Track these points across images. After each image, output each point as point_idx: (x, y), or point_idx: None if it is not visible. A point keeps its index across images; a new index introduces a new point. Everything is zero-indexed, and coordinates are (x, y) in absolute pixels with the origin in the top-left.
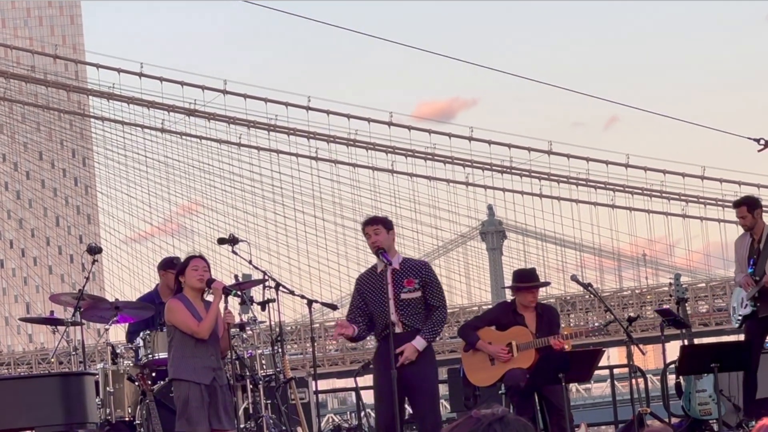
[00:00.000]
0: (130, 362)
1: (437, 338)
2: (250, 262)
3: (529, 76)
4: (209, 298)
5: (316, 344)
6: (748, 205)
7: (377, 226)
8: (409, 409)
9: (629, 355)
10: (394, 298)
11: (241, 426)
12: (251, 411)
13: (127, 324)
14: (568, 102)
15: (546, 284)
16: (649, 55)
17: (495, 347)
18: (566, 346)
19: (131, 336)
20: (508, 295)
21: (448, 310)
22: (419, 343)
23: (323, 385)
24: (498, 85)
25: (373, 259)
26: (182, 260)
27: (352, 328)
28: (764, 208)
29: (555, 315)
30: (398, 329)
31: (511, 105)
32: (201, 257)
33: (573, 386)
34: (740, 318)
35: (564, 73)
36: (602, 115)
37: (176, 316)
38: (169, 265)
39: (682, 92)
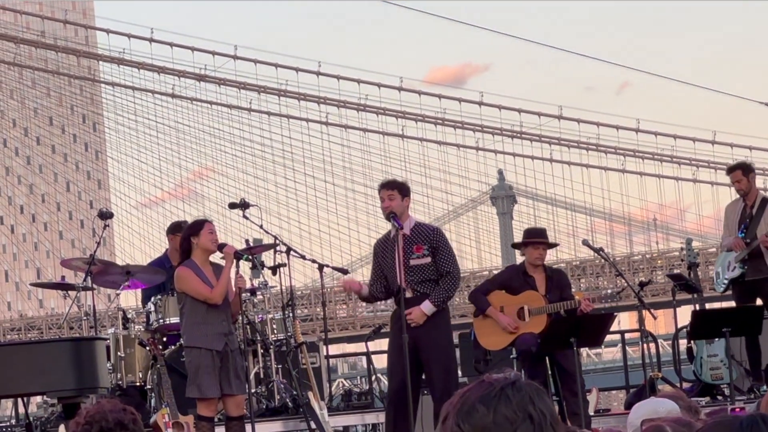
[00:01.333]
0: (141, 327)
1: (447, 303)
2: (261, 227)
3: (541, 41)
4: (218, 261)
5: (326, 309)
6: (743, 169)
7: (392, 192)
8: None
9: (641, 320)
10: (404, 264)
11: (252, 390)
12: (262, 375)
13: (139, 289)
14: (580, 67)
15: (554, 245)
16: (661, 20)
17: (505, 317)
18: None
19: (145, 300)
20: (519, 259)
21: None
22: (427, 307)
23: (334, 349)
24: (510, 50)
25: (384, 224)
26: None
27: (359, 284)
28: (757, 172)
29: (565, 278)
30: (408, 294)
31: (523, 70)
32: (211, 222)
33: (584, 351)
34: (726, 282)
35: (576, 38)
36: (614, 80)
37: (188, 284)
38: (177, 229)
39: (694, 57)
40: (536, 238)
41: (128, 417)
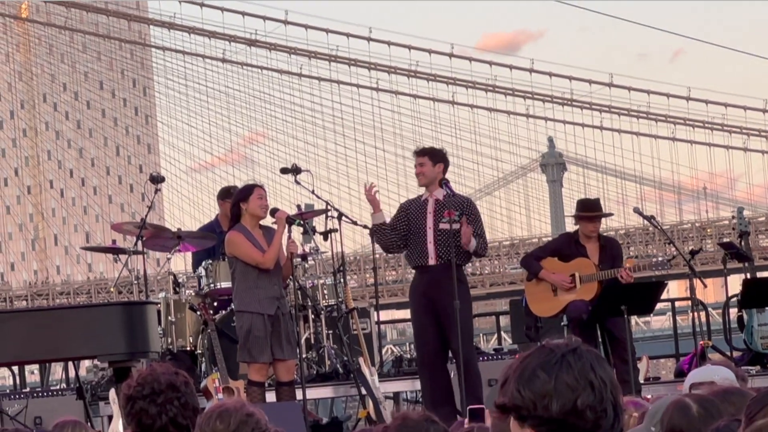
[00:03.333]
0: (191, 292)
1: (479, 254)
2: (312, 192)
3: (595, 9)
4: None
5: (377, 274)
6: None
7: (423, 158)
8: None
9: (691, 288)
10: (433, 228)
11: (303, 356)
12: (313, 341)
13: (190, 253)
14: (634, 34)
15: (609, 215)
16: None
17: (558, 276)
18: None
19: (196, 265)
20: (569, 226)
21: (508, 242)
22: (474, 240)
23: (384, 315)
24: (565, 17)
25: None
26: (248, 185)
27: (379, 203)
28: None
29: (618, 247)
30: (432, 261)
31: (577, 37)
32: (262, 186)
33: (633, 319)
34: None
35: (630, 5)
36: (668, 48)
37: (239, 249)
38: (227, 194)
39: (748, 24)
40: (591, 212)
41: (180, 380)
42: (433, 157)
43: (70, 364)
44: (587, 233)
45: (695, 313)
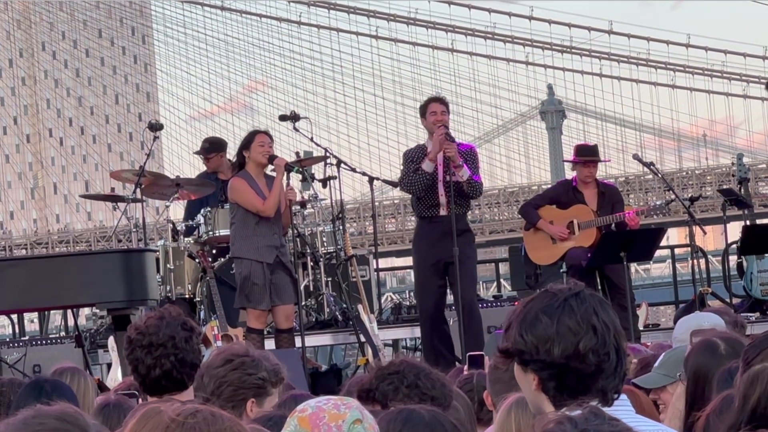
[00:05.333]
0: (190, 239)
1: (472, 191)
2: (311, 139)
3: None
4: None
5: (376, 222)
6: None
7: (446, 108)
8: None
9: (691, 235)
10: (443, 180)
11: (302, 303)
12: (312, 288)
13: (185, 201)
14: None
15: (605, 160)
16: None
17: (555, 227)
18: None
19: (190, 213)
20: (569, 173)
21: (509, 190)
22: (464, 168)
23: (383, 263)
24: None
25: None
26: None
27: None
28: None
29: (617, 194)
30: (443, 212)
31: None
32: (266, 133)
33: (632, 266)
34: None
35: None
36: None
37: (241, 195)
38: (219, 148)
39: None
40: (587, 157)
41: (182, 335)
42: (448, 108)
43: (69, 312)
44: (582, 178)
45: (695, 260)
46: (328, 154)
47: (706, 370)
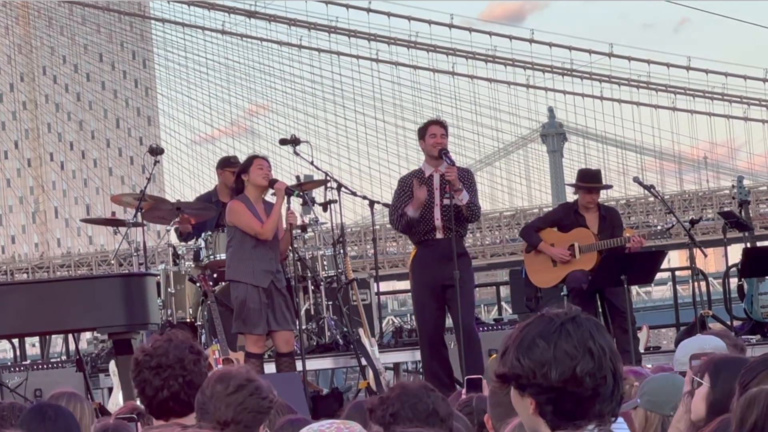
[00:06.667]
0: (191, 263)
1: (471, 215)
2: (311, 163)
3: None
4: (269, 198)
5: (377, 245)
6: None
7: (445, 132)
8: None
9: (691, 258)
10: (440, 205)
11: (303, 327)
12: (312, 312)
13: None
14: (640, 3)
15: (608, 187)
16: None
17: (557, 249)
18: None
19: (187, 236)
20: (570, 196)
21: (508, 213)
22: (465, 192)
23: (384, 286)
24: None
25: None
26: (243, 161)
27: (425, 191)
28: None
29: (618, 217)
30: (440, 235)
31: (583, 6)
32: (264, 158)
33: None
34: None
35: None
36: (673, 17)
37: (239, 218)
38: (226, 164)
39: None
40: (590, 183)
41: (190, 357)
42: (447, 131)
43: (70, 336)
44: (585, 204)
45: (696, 283)
46: (328, 178)
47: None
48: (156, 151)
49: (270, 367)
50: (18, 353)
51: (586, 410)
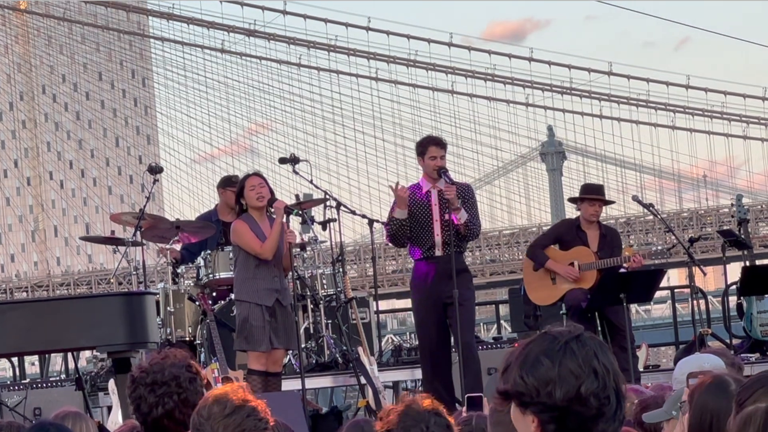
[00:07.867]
0: (190, 282)
1: (470, 233)
2: (311, 182)
3: None
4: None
5: (376, 264)
6: None
7: (444, 152)
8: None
9: (691, 276)
10: (440, 221)
11: (302, 346)
12: (312, 330)
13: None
14: (640, 23)
15: (611, 202)
16: None
17: (565, 267)
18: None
19: (187, 255)
20: (569, 215)
21: (508, 231)
22: (463, 211)
23: (383, 305)
24: (571, 5)
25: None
26: (241, 179)
27: (405, 189)
28: None
29: (617, 237)
30: (439, 252)
31: (583, 25)
32: (256, 174)
33: (633, 307)
34: None
35: None
36: (674, 36)
37: (241, 238)
38: (227, 183)
39: (747, 13)
40: (594, 195)
41: (186, 375)
42: (446, 150)
43: (70, 354)
44: (587, 217)
45: (695, 301)
46: (327, 197)
47: (712, 409)
48: (155, 170)
49: (287, 384)
50: (17, 372)
51: (589, 429)
